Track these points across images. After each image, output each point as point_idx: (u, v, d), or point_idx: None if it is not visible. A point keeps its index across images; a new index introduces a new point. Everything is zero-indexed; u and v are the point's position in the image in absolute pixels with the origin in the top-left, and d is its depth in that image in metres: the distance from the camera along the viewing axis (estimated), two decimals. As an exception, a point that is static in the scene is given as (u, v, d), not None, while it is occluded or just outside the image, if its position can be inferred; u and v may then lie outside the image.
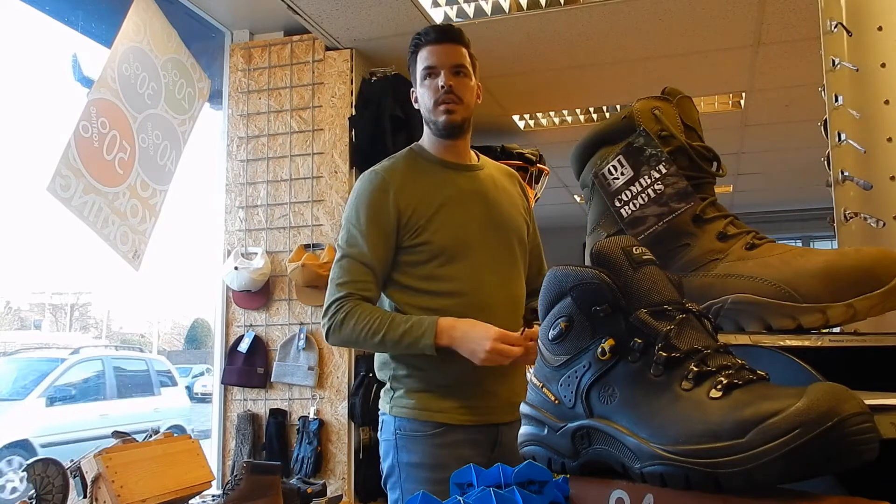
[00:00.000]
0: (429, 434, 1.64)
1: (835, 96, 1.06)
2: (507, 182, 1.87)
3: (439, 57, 1.71)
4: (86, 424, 7.28)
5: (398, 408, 1.69)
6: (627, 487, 0.61)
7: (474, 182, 1.79)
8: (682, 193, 0.90)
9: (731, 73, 3.68)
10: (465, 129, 1.77)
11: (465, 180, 1.78)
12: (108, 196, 2.62)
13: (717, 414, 0.55)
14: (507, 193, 1.84)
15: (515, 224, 1.81)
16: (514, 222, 1.81)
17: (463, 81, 1.72)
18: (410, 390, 1.69)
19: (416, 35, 1.77)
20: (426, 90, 1.73)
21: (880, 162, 1.01)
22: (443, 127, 1.72)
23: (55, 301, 40.34)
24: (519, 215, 1.84)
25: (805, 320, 0.79)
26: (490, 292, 1.71)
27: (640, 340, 0.62)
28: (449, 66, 1.71)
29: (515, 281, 1.79)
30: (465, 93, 1.72)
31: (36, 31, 70.06)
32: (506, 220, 1.79)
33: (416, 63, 1.75)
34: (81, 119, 2.52)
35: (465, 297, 1.69)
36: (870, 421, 0.51)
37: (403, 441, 1.66)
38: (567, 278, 0.67)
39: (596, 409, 0.64)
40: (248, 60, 3.45)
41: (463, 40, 1.75)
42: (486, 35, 3.21)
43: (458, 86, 1.71)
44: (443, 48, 1.72)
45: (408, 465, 1.65)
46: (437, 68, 1.71)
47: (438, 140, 1.77)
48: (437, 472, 1.61)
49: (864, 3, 1.06)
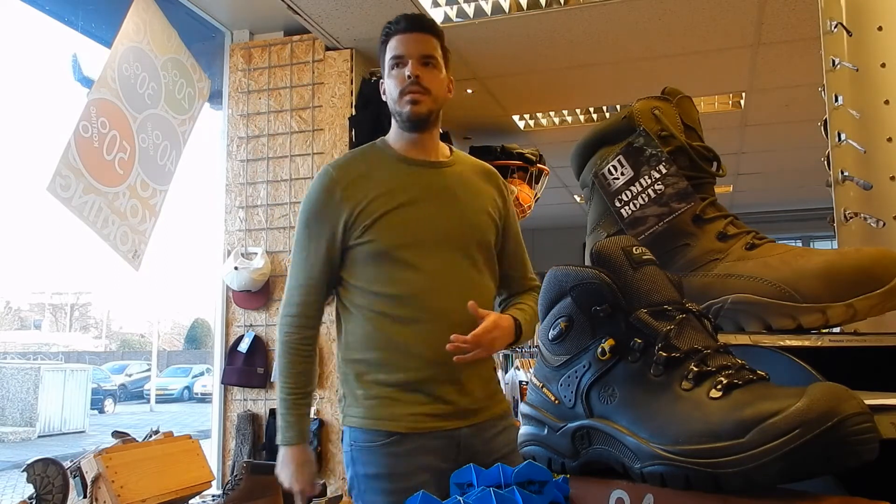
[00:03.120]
0: (382, 444, 1.58)
1: (835, 96, 1.06)
2: (480, 181, 1.76)
3: (408, 46, 1.64)
4: None
5: (349, 417, 1.64)
6: (627, 487, 0.61)
7: (437, 179, 1.69)
8: (682, 193, 0.90)
9: (731, 73, 3.68)
10: (432, 123, 1.68)
11: (425, 177, 1.69)
12: (108, 196, 2.62)
13: (717, 414, 0.55)
14: (475, 193, 1.73)
15: (478, 226, 1.70)
16: (476, 224, 1.70)
17: (432, 73, 1.65)
18: (360, 398, 1.63)
19: (386, 24, 1.70)
20: (393, 80, 1.65)
21: (880, 162, 1.01)
22: (407, 118, 1.64)
23: (55, 301, 40.36)
24: (485, 216, 1.72)
25: (805, 320, 0.79)
26: (442, 298, 1.61)
27: (640, 340, 0.62)
28: (417, 56, 1.63)
29: (475, 286, 1.67)
30: (434, 84, 1.65)
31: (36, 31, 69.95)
32: (466, 221, 1.68)
33: (386, 53, 1.68)
34: (81, 119, 2.52)
35: (413, 302, 1.61)
36: (870, 421, 0.51)
37: (358, 452, 1.60)
38: (567, 278, 0.67)
39: (596, 409, 0.64)
40: (248, 60, 3.45)
41: (435, 31, 1.68)
42: (486, 35, 3.21)
43: (426, 76, 1.63)
44: (412, 38, 1.65)
45: (365, 477, 1.60)
46: (405, 58, 1.63)
47: (403, 133, 1.69)
48: (395, 483, 1.56)
49: (864, 3, 1.06)
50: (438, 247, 1.64)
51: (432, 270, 1.63)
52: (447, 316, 1.60)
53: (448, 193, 1.69)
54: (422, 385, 1.60)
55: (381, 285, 1.63)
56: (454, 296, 1.62)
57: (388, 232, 1.62)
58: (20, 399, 14.39)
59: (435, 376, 1.59)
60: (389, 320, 1.61)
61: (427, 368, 1.59)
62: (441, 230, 1.65)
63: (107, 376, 20.57)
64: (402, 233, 1.63)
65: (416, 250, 1.62)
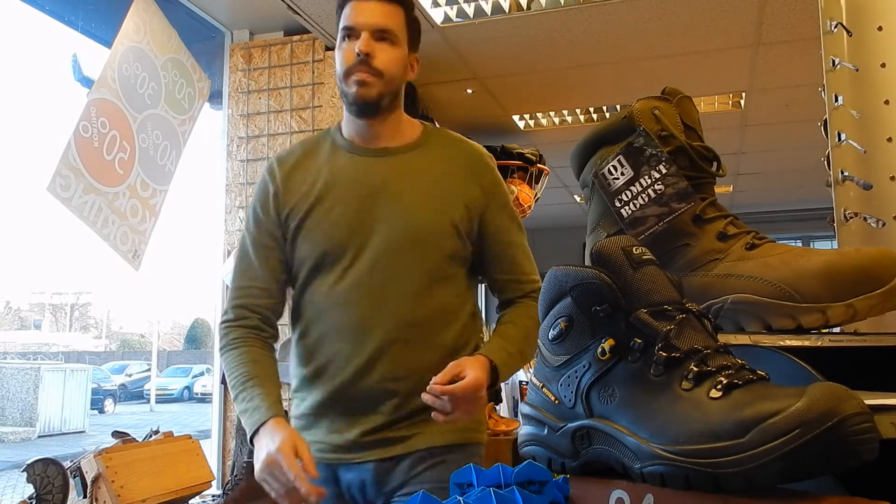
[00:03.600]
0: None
1: (835, 96, 1.06)
2: (452, 169, 1.47)
3: (362, 16, 1.38)
4: None
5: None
6: (627, 487, 0.61)
7: (379, 171, 1.43)
8: (682, 193, 0.90)
9: (731, 73, 3.68)
10: (385, 108, 1.42)
11: (363, 168, 1.44)
12: (108, 196, 2.62)
13: (717, 414, 0.55)
14: (432, 185, 1.44)
15: (426, 226, 1.41)
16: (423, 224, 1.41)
17: (387, 50, 1.39)
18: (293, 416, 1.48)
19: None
20: (341, 54, 1.40)
21: (880, 162, 1.01)
22: (353, 101, 1.40)
23: (55, 301, 40.41)
24: (439, 215, 1.42)
25: (805, 320, 0.80)
26: (367, 315, 1.37)
27: (640, 340, 0.62)
28: (371, 29, 1.37)
29: (419, 301, 1.39)
30: (388, 65, 1.39)
31: (36, 31, 69.97)
32: (409, 221, 1.40)
33: (339, 20, 1.43)
34: (81, 119, 2.52)
35: (333, 317, 1.39)
36: (870, 421, 0.51)
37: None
38: (567, 278, 0.67)
39: (596, 409, 0.64)
40: (248, 60, 3.45)
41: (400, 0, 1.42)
42: (486, 35, 3.21)
43: (380, 55, 1.38)
44: (368, 6, 1.38)
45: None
46: (357, 30, 1.38)
47: (351, 118, 1.45)
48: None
49: (864, 3, 1.06)
50: (367, 250, 1.39)
51: (358, 282, 1.38)
52: (369, 337, 1.37)
53: (390, 188, 1.41)
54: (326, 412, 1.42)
55: (309, 296, 1.44)
56: (383, 314, 1.37)
57: (306, 235, 1.42)
58: (20, 399, 14.40)
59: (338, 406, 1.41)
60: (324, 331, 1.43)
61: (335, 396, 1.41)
62: (367, 230, 1.39)
63: (107, 376, 20.59)
64: (321, 238, 1.41)
65: (342, 254, 1.40)
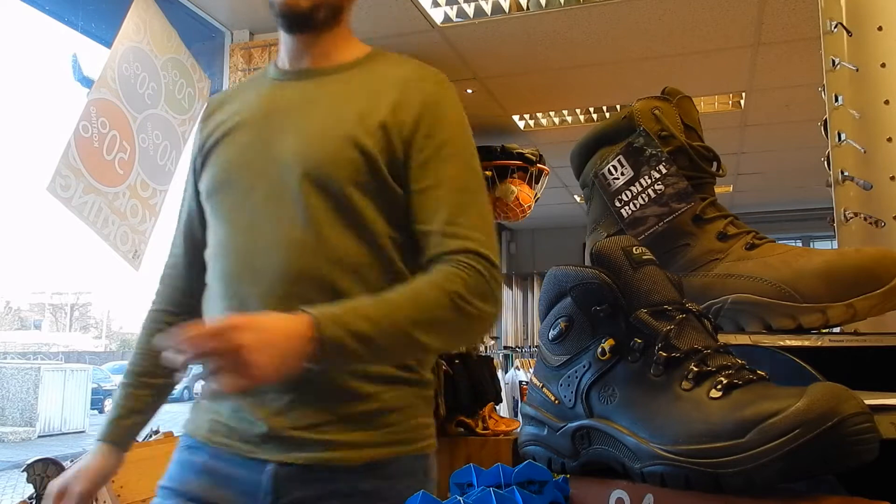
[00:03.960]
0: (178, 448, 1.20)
1: (835, 96, 1.06)
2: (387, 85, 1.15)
3: None
4: None
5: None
6: (627, 487, 0.61)
7: (294, 94, 1.18)
8: (682, 193, 0.90)
9: (731, 73, 3.68)
10: (321, 23, 1.18)
11: (278, 93, 1.20)
12: (108, 196, 2.62)
13: (717, 414, 0.55)
14: (343, 106, 1.13)
15: (318, 156, 1.09)
16: (315, 153, 1.09)
17: None
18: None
19: None
20: None
21: (880, 162, 1.01)
22: (279, 13, 1.16)
23: (55, 301, 40.44)
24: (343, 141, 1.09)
25: (805, 320, 0.80)
26: (241, 268, 1.12)
27: (640, 340, 0.62)
28: None
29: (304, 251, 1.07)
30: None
31: (36, 31, 69.92)
32: (300, 149, 1.11)
33: None
34: (81, 119, 2.52)
35: (220, 273, 1.15)
36: (870, 421, 0.51)
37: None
38: (567, 278, 0.67)
39: (596, 409, 0.64)
40: (248, 60, 3.45)
41: None
42: (486, 35, 3.21)
43: None
44: None
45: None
46: None
47: (284, 36, 1.21)
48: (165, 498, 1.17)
49: (864, 3, 1.06)
50: (253, 190, 1.13)
51: (242, 226, 1.13)
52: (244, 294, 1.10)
53: (295, 113, 1.15)
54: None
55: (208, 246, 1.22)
56: (266, 265, 1.09)
57: (207, 171, 1.22)
58: (20, 399, 14.40)
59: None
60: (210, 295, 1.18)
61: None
62: (255, 166, 1.14)
63: (107, 376, 20.58)
64: (217, 172, 1.19)
65: (227, 196, 1.16)
